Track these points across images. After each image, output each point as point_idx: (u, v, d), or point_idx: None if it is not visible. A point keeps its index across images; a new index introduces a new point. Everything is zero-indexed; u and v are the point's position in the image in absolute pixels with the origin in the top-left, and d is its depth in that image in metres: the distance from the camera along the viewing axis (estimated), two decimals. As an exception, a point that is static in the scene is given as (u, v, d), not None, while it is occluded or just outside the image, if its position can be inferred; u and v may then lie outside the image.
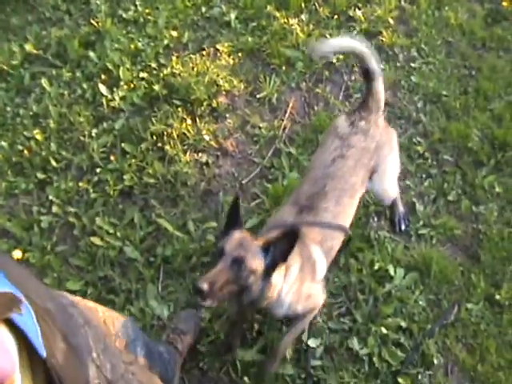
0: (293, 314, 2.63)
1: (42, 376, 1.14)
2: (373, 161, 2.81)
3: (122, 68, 3.96)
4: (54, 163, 3.59)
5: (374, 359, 2.96)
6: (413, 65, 4.24)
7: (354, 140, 2.77)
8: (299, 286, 2.52)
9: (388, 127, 3.02)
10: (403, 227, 3.40)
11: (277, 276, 2.36)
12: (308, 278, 2.58)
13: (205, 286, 2.09)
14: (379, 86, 2.88)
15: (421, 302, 3.17)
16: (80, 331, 1.43)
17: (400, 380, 2.90)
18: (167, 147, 3.60)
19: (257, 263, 2.23)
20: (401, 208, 3.39)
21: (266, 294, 2.36)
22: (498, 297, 3.24)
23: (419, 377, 2.95)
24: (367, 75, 2.85)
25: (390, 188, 3.08)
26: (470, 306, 3.20)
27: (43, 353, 1.11)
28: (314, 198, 2.65)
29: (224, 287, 2.17)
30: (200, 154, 3.63)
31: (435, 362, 3.00)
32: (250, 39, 4.20)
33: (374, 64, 2.81)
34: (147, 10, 4.40)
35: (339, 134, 2.80)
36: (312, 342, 3.00)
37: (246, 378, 2.86)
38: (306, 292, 2.58)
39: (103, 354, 1.46)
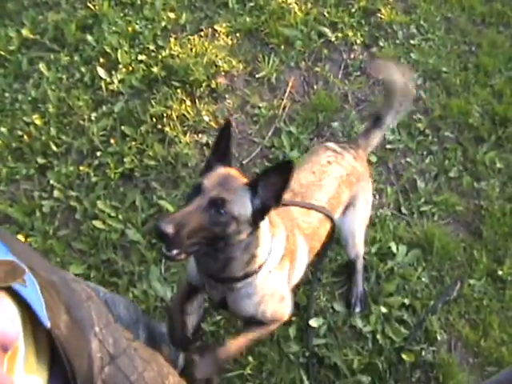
0: (259, 317, 2.22)
1: (46, 347, 1.14)
2: (356, 187, 2.66)
3: (120, 51, 3.93)
4: (54, 148, 3.58)
5: (378, 336, 2.98)
6: (412, 42, 4.22)
7: (347, 156, 2.62)
8: (276, 283, 2.20)
9: (370, 175, 2.89)
10: (358, 310, 3.06)
11: (266, 230, 2.05)
12: (286, 271, 2.25)
13: (169, 229, 1.67)
14: (378, 136, 2.79)
15: (423, 279, 3.18)
16: (83, 305, 1.43)
17: (404, 356, 2.92)
18: (167, 129, 3.60)
19: (241, 207, 1.84)
20: (360, 287, 3.09)
21: (249, 253, 1.99)
22: (500, 272, 3.25)
23: (423, 353, 2.97)
24: (376, 121, 2.74)
25: (358, 235, 2.86)
26: (472, 281, 3.21)
27: (47, 324, 1.11)
28: (309, 187, 2.46)
29: (195, 234, 1.75)
30: (200, 135, 3.62)
31: (438, 338, 3.02)
32: (247, 19, 4.17)
33: (390, 118, 2.73)
34: (144, -8, 4.37)
35: (331, 148, 2.65)
36: (314, 322, 3.00)
37: (250, 358, 2.88)
38: (282, 291, 2.26)
39: (105, 328, 1.46)
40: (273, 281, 2.17)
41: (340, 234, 2.82)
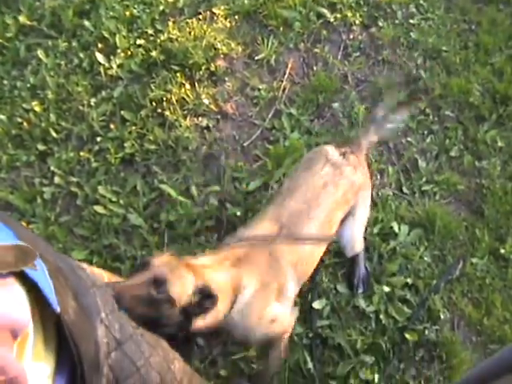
0: (254, 342, 2.40)
1: (53, 334, 1.15)
2: (353, 201, 2.65)
3: (118, 36, 3.91)
4: (53, 134, 3.57)
5: (381, 316, 2.99)
6: (412, 21, 4.18)
7: (347, 171, 2.59)
8: (261, 308, 2.25)
9: (370, 178, 2.85)
10: (360, 290, 3.08)
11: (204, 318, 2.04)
12: (272, 299, 2.30)
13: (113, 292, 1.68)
14: (379, 135, 2.81)
15: (426, 258, 3.19)
16: (89, 292, 1.43)
17: (407, 335, 2.94)
18: (167, 113, 3.58)
19: (180, 293, 1.90)
20: (362, 269, 3.11)
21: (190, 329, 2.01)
22: (502, 251, 3.26)
23: (426, 332, 2.98)
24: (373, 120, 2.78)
25: (358, 237, 2.88)
26: (474, 260, 3.22)
27: (57, 308, 1.12)
28: (297, 220, 2.44)
29: (135, 306, 1.77)
30: (200, 119, 3.61)
31: (441, 316, 3.04)
32: (246, 1, 4.13)
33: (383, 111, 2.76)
34: (141, -24, 4.34)
35: (331, 160, 2.60)
36: (317, 304, 3.01)
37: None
38: (271, 315, 2.30)
39: (111, 314, 1.47)
40: (253, 312, 2.22)
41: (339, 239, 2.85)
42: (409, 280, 3.09)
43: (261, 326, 2.27)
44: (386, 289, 3.04)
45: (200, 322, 2.00)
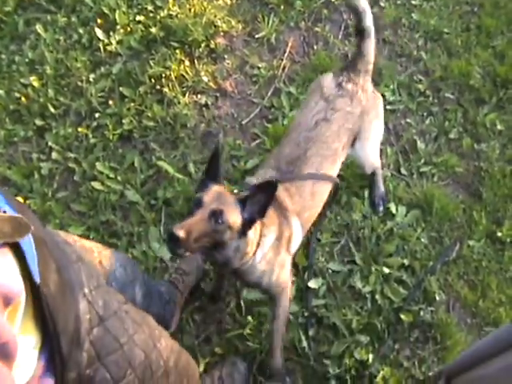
0: (265, 285, 2.52)
1: (30, 303, 1.14)
2: (357, 126, 2.72)
3: (118, 11, 3.88)
4: (52, 109, 3.56)
5: (377, 296, 2.99)
6: (413, 2, 4.16)
7: (340, 103, 2.65)
8: (274, 256, 2.47)
9: (375, 92, 2.88)
10: (381, 209, 3.26)
11: (253, 235, 2.31)
12: (283, 249, 2.52)
13: (181, 234, 1.97)
14: (370, 46, 2.74)
15: (423, 240, 3.18)
16: (73, 266, 1.43)
17: (402, 316, 2.94)
18: (166, 90, 3.57)
19: (234, 217, 2.14)
20: (381, 188, 3.28)
21: (241, 252, 2.28)
22: (499, 234, 3.25)
23: (421, 313, 2.99)
24: (360, 34, 2.72)
25: (372, 154, 3.00)
26: (471, 243, 3.22)
27: (37, 279, 1.11)
28: (295, 163, 2.56)
29: (199, 239, 2.06)
30: (199, 96, 3.60)
31: (437, 298, 3.04)
32: (247, -21, 4.11)
33: (369, 22, 2.67)
34: (140, -49, 4.29)
35: (325, 94, 2.67)
36: (313, 283, 3.02)
37: (249, 317, 2.89)
38: (280, 262, 2.52)
39: (96, 290, 1.46)
40: (269, 259, 2.45)
41: (355, 159, 3.02)
42: (405, 261, 3.09)
43: (273, 272, 2.49)
44: (385, 270, 3.04)
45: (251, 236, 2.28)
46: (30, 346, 1.17)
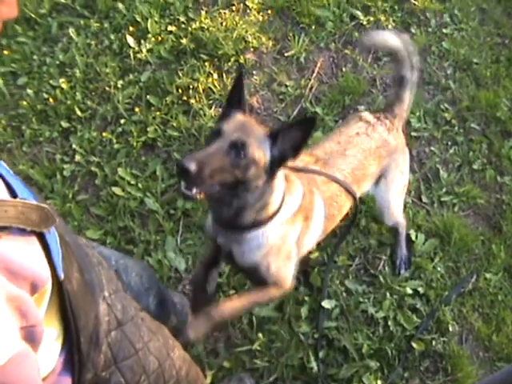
0: (263, 270, 2.20)
1: (54, 297, 1.15)
2: (386, 161, 2.65)
3: (150, 20, 3.91)
4: (78, 112, 3.59)
5: (389, 323, 2.97)
6: (445, 31, 4.15)
7: (379, 129, 2.60)
8: (287, 232, 2.19)
9: (405, 144, 2.82)
10: (402, 271, 3.14)
11: (280, 185, 2.06)
12: (298, 228, 2.25)
13: (192, 166, 1.68)
14: (408, 96, 2.72)
15: (439, 269, 3.16)
16: (94, 269, 1.44)
17: (414, 345, 2.92)
18: (192, 101, 3.58)
19: (260, 152, 1.86)
20: (404, 250, 3.16)
21: (262, 202, 2.01)
22: (517, 268, 3.22)
23: (433, 343, 2.97)
24: (400, 81, 2.69)
25: (393, 202, 2.86)
26: (488, 275, 3.19)
27: (61, 274, 1.12)
28: (332, 155, 2.46)
29: (216, 174, 1.77)
30: (225, 110, 3.60)
31: (450, 329, 3.01)
32: (280, -3, 4.13)
33: (410, 73, 2.66)
34: (178, -38, 4.33)
35: (364, 119, 2.63)
36: (327, 304, 3.00)
37: (260, 335, 2.88)
38: (289, 249, 2.25)
39: (114, 294, 1.47)
40: (282, 234, 2.17)
41: (375, 203, 2.95)
42: (420, 289, 3.07)
43: (276, 257, 2.20)
44: (399, 295, 3.02)
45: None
46: (52, 338, 1.17)
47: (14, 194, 1.03)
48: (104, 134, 3.50)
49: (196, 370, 2.01)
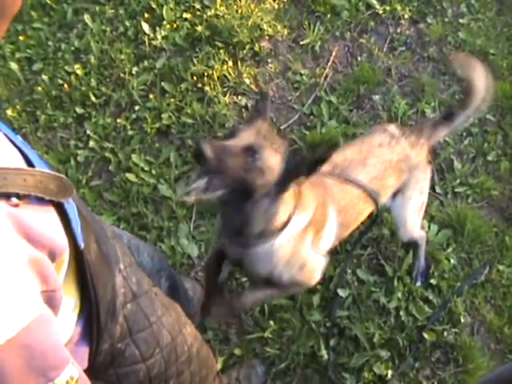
0: (275, 279, 2.23)
1: (72, 266, 1.15)
2: (406, 175, 2.58)
3: (165, 7, 3.90)
4: (93, 98, 3.59)
5: (401, 313, 2.96)
6: (461, 21, 4.10)
7: (403, 143, 2.54)
8: (297, 246, 2.16)
9: (428, 164, 2.75)
10: (418, 283, 3.08)
11: (289, 200, 1.99)
12: (308, 241, 2.21)
13: (209, 152, 1.65)
14: (445, 133, 2.70)
15: (452, 260, 3.14)
16: (109, 241, 1.45)
17: (425, 335, 2.91)
18: (207, 88, 3.58)
19: (274, 161, 1.80)
20: (422, 261, 3.09)
21: (269, 215, 1.95)
22: (530, 261, 3.21)
23: (445, 333, 2.96)
24: (447, 117, 2.65)
25: (410, 222, 2.79)
26: (501, 267, 3.17)
27: (82, 244, 1.12)
28: (352, 163, 2.42)
29: (227, 169, 1.72)
30: (239, 97, 3.59)
31: (462, 320, 3.00)
32: (295, -15, 4.11)
33: (462, 120, 2.65)
34: (193, -50, 4.32)
35: (389, 131, 2.58)
36: (341, 292, 3.00)
37: (271, 322, 2.89)
38: (303, 259, 2.23)
39: (129, 267, 1.50)
40: (291, 249, 2.13)
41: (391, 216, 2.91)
42: (433, 280, 3.06)
43: (287, 269, 2.19)
44: (411, 285, 3.03)
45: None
46: (70, 308, 1.18)
47: (30, 165, 1.03)
48: (118, 121, 3.51)
49: (207, 349, 2.03)
